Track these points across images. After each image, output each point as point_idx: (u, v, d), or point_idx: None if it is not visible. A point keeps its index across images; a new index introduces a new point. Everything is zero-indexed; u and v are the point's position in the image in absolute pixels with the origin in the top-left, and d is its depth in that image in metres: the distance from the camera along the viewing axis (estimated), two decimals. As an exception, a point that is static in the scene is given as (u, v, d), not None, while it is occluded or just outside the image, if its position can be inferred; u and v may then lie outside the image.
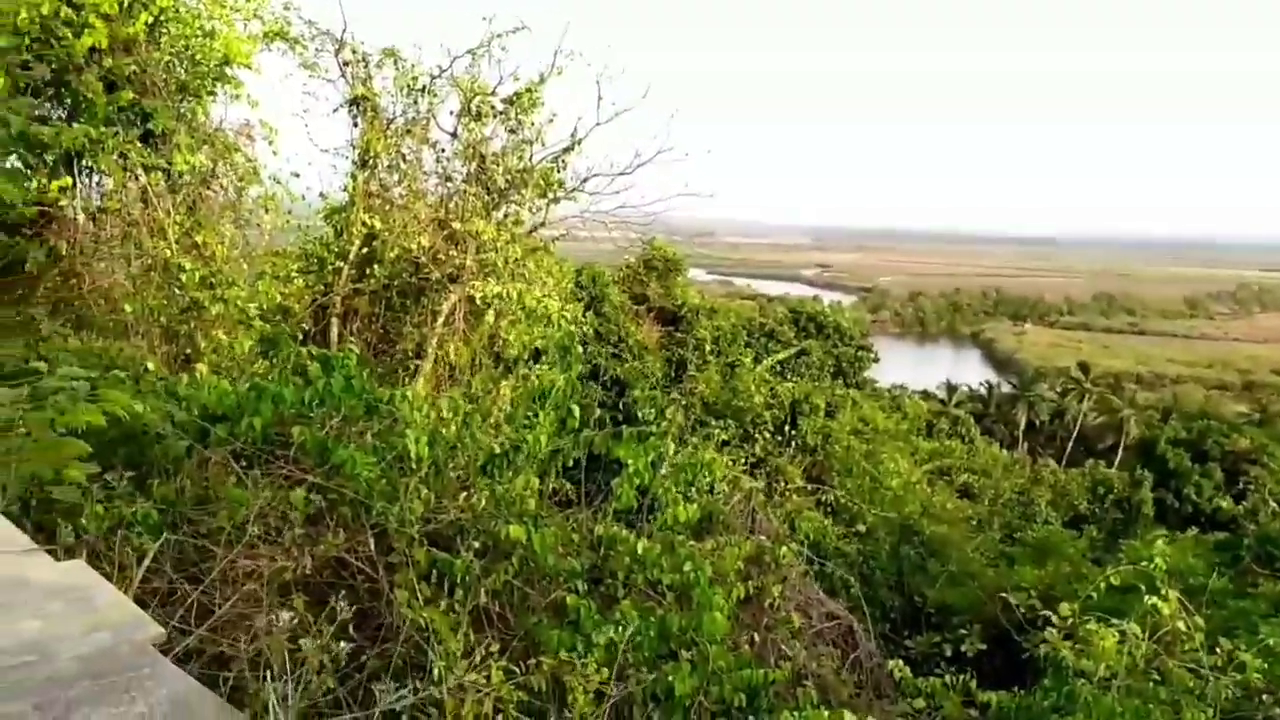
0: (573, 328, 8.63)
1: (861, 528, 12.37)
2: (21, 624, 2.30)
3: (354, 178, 12.49)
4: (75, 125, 7.65)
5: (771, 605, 6.04)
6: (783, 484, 11.60)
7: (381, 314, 12.75)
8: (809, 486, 12.76)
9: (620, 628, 4.84)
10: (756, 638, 5.37)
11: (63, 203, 7.98)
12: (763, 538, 6.23)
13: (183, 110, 8.68)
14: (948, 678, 6.10)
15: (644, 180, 13.75)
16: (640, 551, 5.43)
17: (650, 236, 19.24)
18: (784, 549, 6.17)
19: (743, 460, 12.78)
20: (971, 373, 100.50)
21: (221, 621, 3.69)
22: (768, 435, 14.51)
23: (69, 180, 7.97)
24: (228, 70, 9.08)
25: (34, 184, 7.81)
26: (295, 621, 3.23)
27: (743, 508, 6.95)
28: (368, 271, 12.36)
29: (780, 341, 31.14)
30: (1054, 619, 6.82)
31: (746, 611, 6.04)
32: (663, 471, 5.94)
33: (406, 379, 11.54)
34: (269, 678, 3.20)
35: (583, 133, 12.56)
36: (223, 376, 6.10)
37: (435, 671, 4.50)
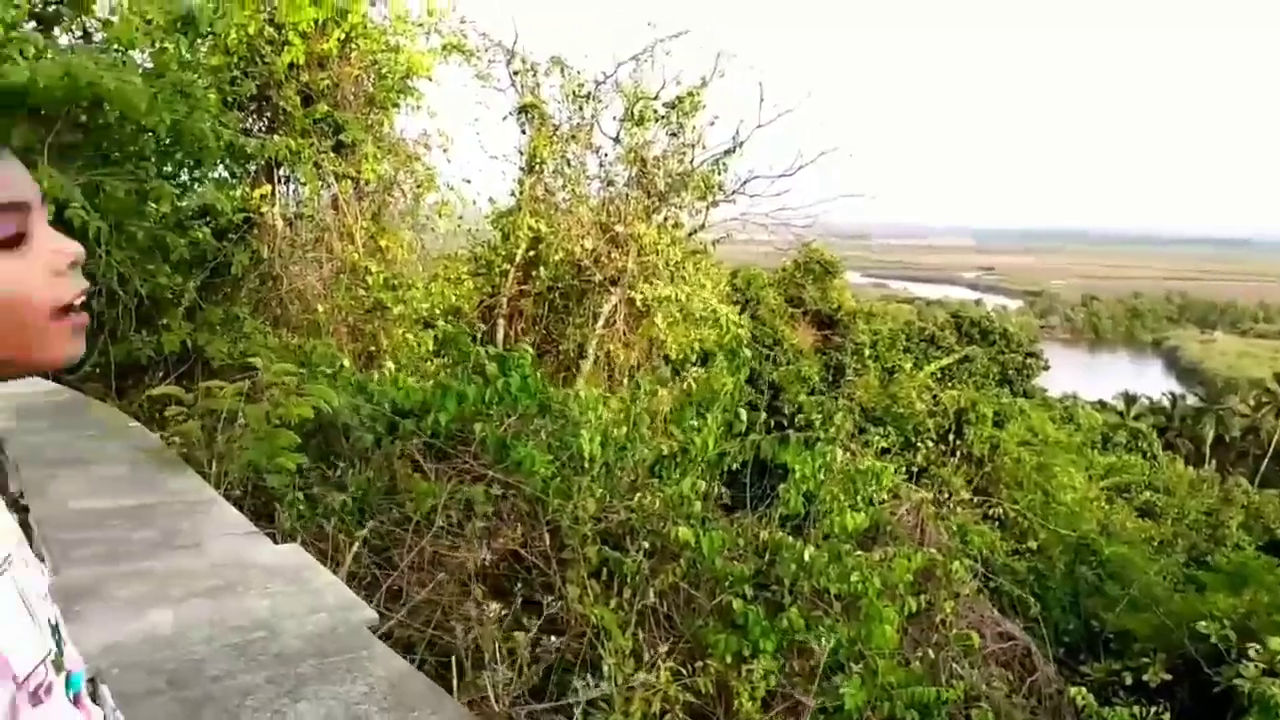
0: (741, 330, 8.62)
1: (1033, 545, 11.75)
2: (251, 602, 2.49)
3: (521, 183, 12.94)
4: (276, 137, 8.24)
5: (943, 621, 5.83)
6: (947, 495, 11.17)
7: (545, 315, 13.13)
8: (975, 499, 12.25)
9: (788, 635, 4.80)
10: (931, 654, 5.19)
11: (263, 210, 8.63)
12: (933, 550, 6.02)
13: (370, 121, 9.20)
14: (1136, 709, 5.71)
15: (803, 182, 13.62)
16: (807, 558, 5.35)
17: (808, 239, 19.02)
18: (956, 563, 5.94)
19: (903, 469, 12.39)
20: (1152, 383, 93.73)
21: (410, 607, 3.88)
22: (930, 444, 14.02)
23: (269, 188, 8.61)
24: (410, 83, 9.57)
25: (238, 192, 8.47)
26: (504, 612, 3.36)
27: (911, 518, 6.74)
28: (532, 274, 12.77)
29: (941, 347, 29.98)
30: (1253, 653, 6.29)
31: (915, 626, 5.85)
32: (828, 478, 5.83)
33: (570, 379, 11.84)
34: (456, 663, 3.33)
35: (744, 135, 12.57)
36: (404, 373, 6.43)
37: (605, 668, 4.58)
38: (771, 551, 5.53)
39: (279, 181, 8.82)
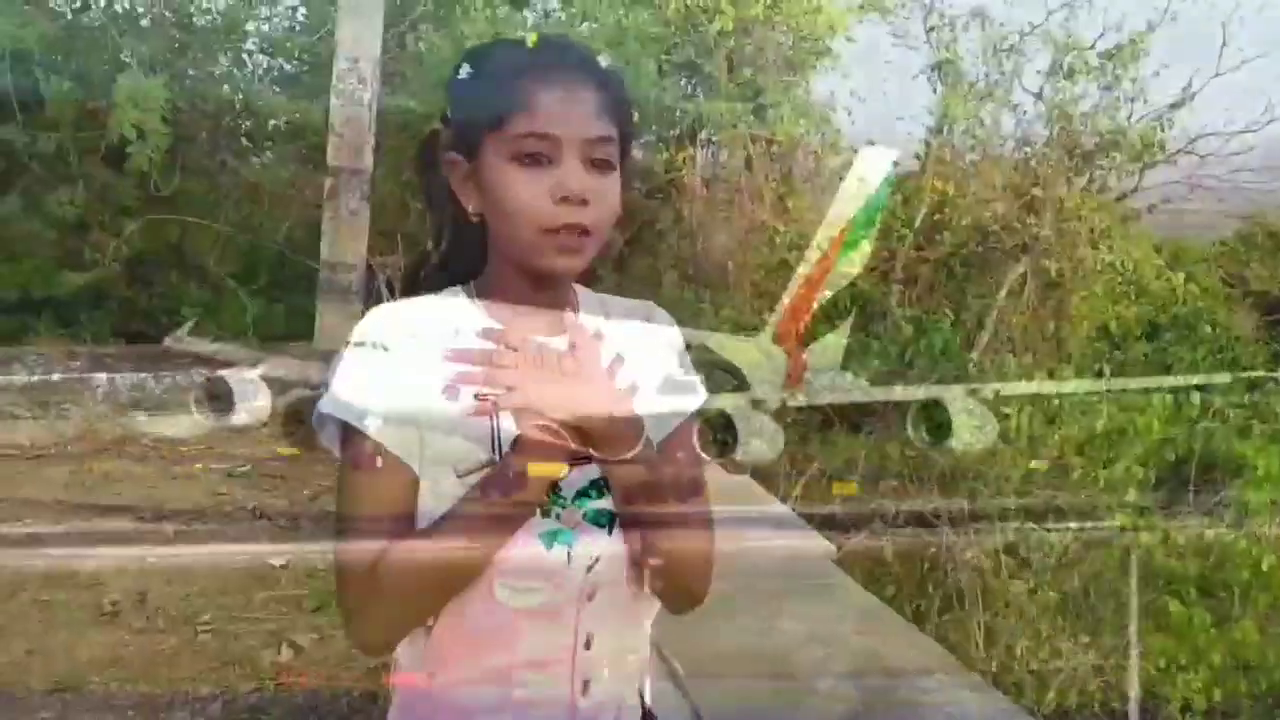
0: (1199, 304, 7.69)
1: None
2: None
3: (927, 144, 12.43)
4: (704, 102, 8.72)
5: None
6: None
7: (942, 282, 12.59)
8: None
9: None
10: None
11: (684, 171, 9.19)
12: None
13: (786, 83, 9.39)
14: None
15: (1272, 140, 11.71)
16: (1265, 568, 4.70)
17: (1265, 208, 16.37)
18: None
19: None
20: None
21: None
22: None
23: (692, 151, 9.15)
24: (827, 43, 9.59)
25: (664, 156, 9.11)
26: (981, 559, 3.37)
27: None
28: (933, 239, 12.27)
29: None
30: None
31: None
32: None
33: (966, 350, 11.29)
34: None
35: (1197, 86, 11.04)
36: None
37: (1016, 646, 4.38)
38: (1218, 554, 4.93)
39: (700, 145, 9.33)
